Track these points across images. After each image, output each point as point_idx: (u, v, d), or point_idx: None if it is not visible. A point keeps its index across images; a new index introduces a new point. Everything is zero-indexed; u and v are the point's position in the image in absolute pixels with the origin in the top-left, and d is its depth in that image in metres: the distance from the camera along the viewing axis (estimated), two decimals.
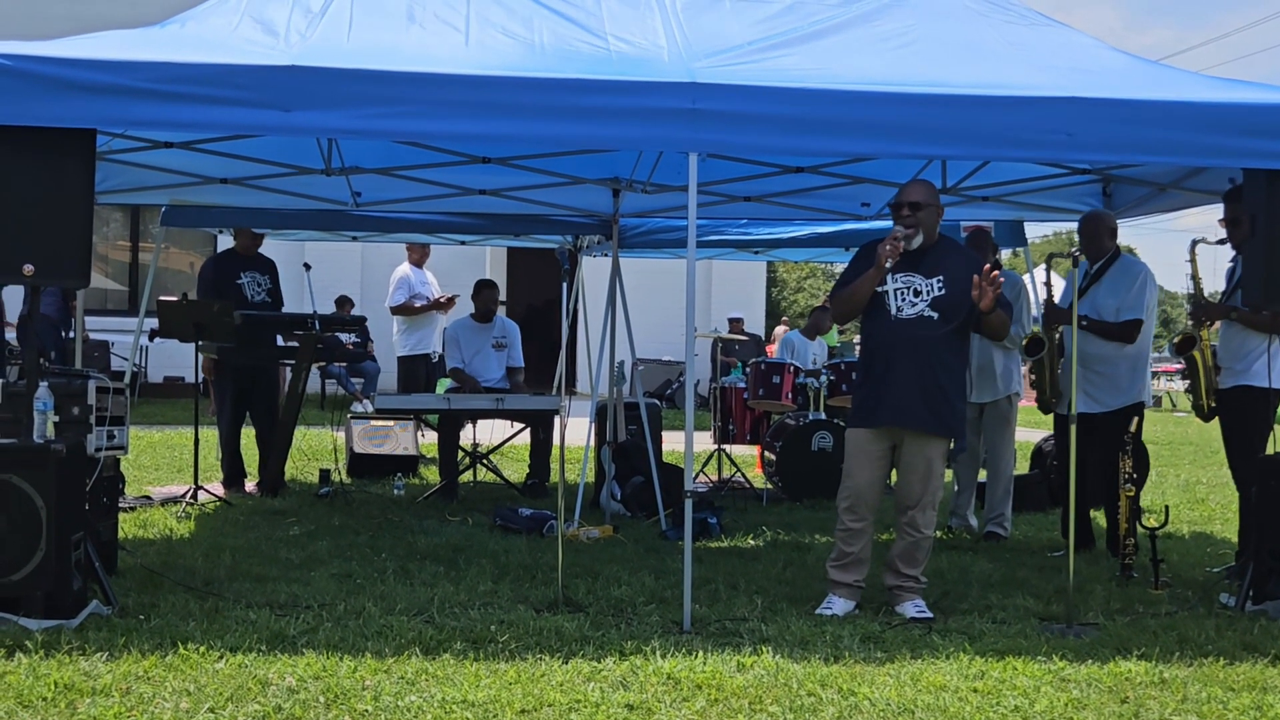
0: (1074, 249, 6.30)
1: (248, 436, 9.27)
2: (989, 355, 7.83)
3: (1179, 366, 7.06)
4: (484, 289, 9.99)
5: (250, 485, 9.20)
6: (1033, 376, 7.38)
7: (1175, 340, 6.75)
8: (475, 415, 9.44)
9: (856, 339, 16.33)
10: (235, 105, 5.28)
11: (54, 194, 5.24)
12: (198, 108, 5.27)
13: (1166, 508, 7.29)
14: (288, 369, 9.85)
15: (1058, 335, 7.27)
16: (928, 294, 5.72)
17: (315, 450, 11.72)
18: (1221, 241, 6.75)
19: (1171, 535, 7.99)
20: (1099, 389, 7.02)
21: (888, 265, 5.67)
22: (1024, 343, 7.20)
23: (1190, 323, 6.76)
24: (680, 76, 5.49)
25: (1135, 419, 6.95)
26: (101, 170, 7.10)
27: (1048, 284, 7.34)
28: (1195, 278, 6.92)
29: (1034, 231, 63.84)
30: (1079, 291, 7.10)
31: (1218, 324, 6.77)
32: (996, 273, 5.60)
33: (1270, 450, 6.38)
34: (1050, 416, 7.58)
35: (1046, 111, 5.51)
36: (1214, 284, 6.94)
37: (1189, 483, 11.23)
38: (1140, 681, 4.73)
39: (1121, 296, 7.04)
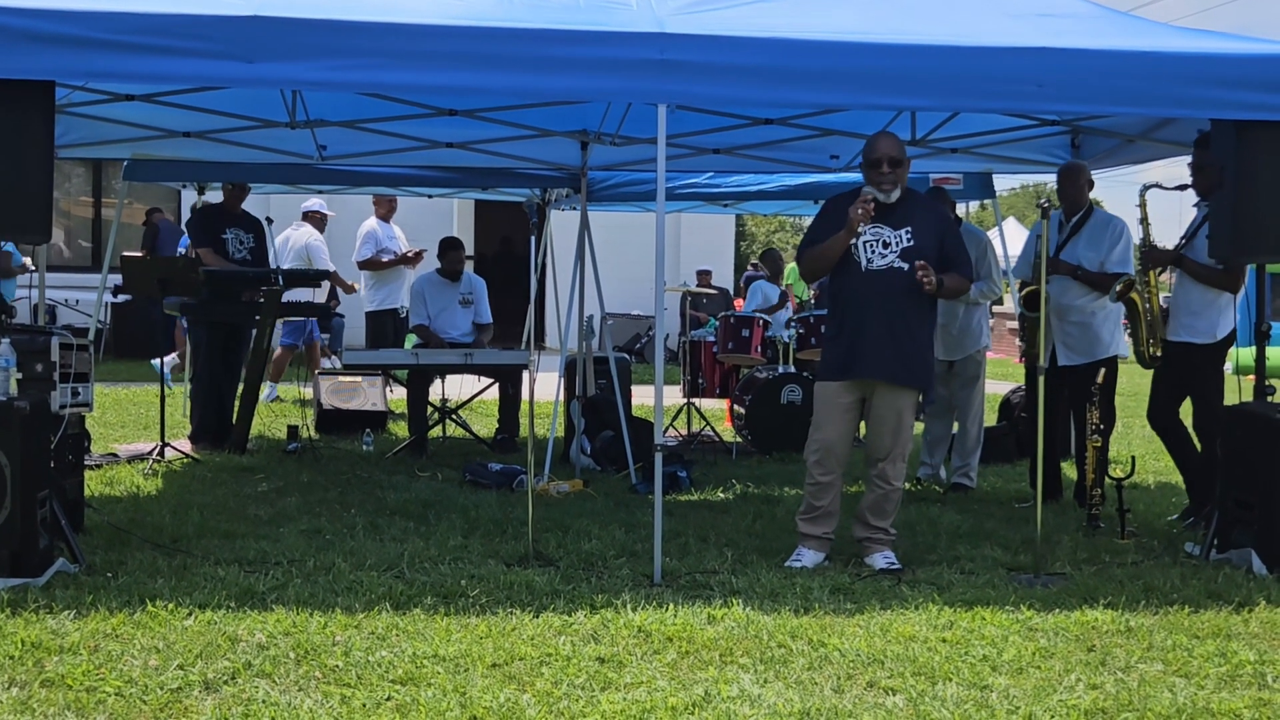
0: (1042, 200, 6.30)
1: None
2: (954, 313, 7.83)
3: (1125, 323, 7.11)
4: (450, 248, 9.87)
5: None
6: (1023, 332, 7.37)
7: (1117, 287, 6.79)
8: (444, 370, 9.41)
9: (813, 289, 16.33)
10: (197, 57, 5.20)
11: (12, 148, 5.17)
12: (158, 59, 5.19)
13: (1133, 458, 7.34)
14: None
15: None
16: (896, 245, 5.71)
17: (283, 406, 11.66)
18: (1181, 187, 6.75)
19: (1138, 486, 8.06)
20: (1079, 341, 7.06)
21: (860, 229, 5.66)
22: (1023, 296, 7.18)
23: (1139, 269, 6.81)
24: (649, 26, 5.43)
25: (1104, 370, 7.00)
26: (62, 124, 6.99)
27: (1042, 236, 7.34)
28: (1145, 222, 6.95)
29: (1003, 184, 64.06)
30: (1059, 244, 7.13)
31: (1171, 275, 6.82)
32: (922, 274, 5.60)
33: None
34: (1021, 367, 7.61)
35: (1016, 62, 5.49)
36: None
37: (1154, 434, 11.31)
38: (1107, 630, 4.78)
39: (1104, 251, 7.06)
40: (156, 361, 9.32)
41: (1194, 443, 6.75)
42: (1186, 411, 6.83)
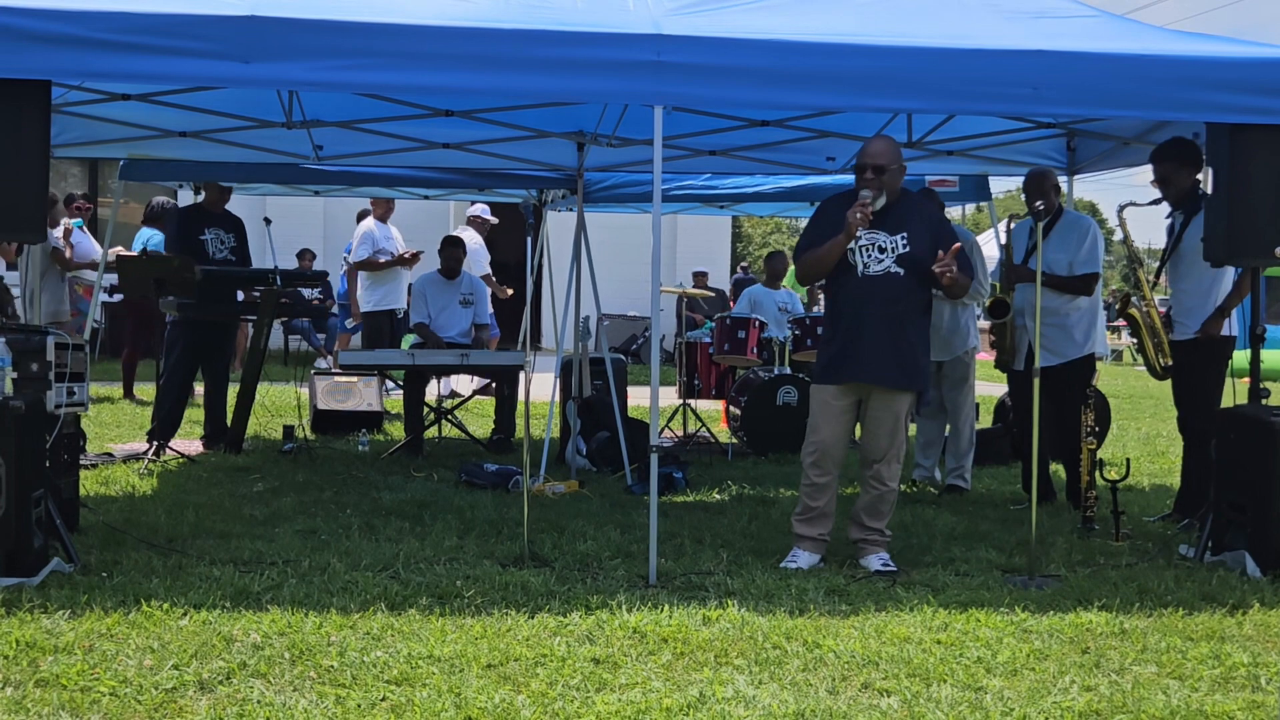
0: (1039, 203, 6.32)
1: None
2: (941, 314, 7.83)
3: (1124, 324, 7.15)
4: (449, 246, 9.96)
5: (197, 444, 9.05)
6: (993, 336, 7.42)
7: (1116, 306, 6.84)
8: (440, 371, 9.40)
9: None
10: (193, 56, 5.20)
11: (8, 147, 5.17)
12: (155, 59, 5.19)
13: (1127, 460, 7.35)
14: (250, 324, 9.74)
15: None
16: (893, 250, 5.72)
17: (279, 406, 11.66)
18: (1155, 202, 6.81)
19: (1132, 488, 8.07)
20: (1054, 342, 7.08)
21: (858, 233, 5.66)
22: (988, 305, 7.23)
23: (1132, 282, 6.85)
24: (645, 28, 5.44)
25: (1094, 371, 7.02)
26: (58, 123, 6.99)
27: (1007, 245, 7.37)
28: (1128, 241, 7.00)
29: (998, 186, 64.05)
30: (1028, 249, 7.16)
31: (1163, 280, 6.87)
32: (958, 245, 5.62)
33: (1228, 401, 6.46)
34: (1000, 370, 7.63)
35: (1012, 64, 5.51)
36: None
37: (1150, 436, 11.34)
38: (1101, 632, 4.79)
39: (1073, 252, 7.10)
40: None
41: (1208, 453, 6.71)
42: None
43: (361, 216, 12.29)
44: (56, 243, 10.49)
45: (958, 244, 5.67)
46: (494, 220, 12.76)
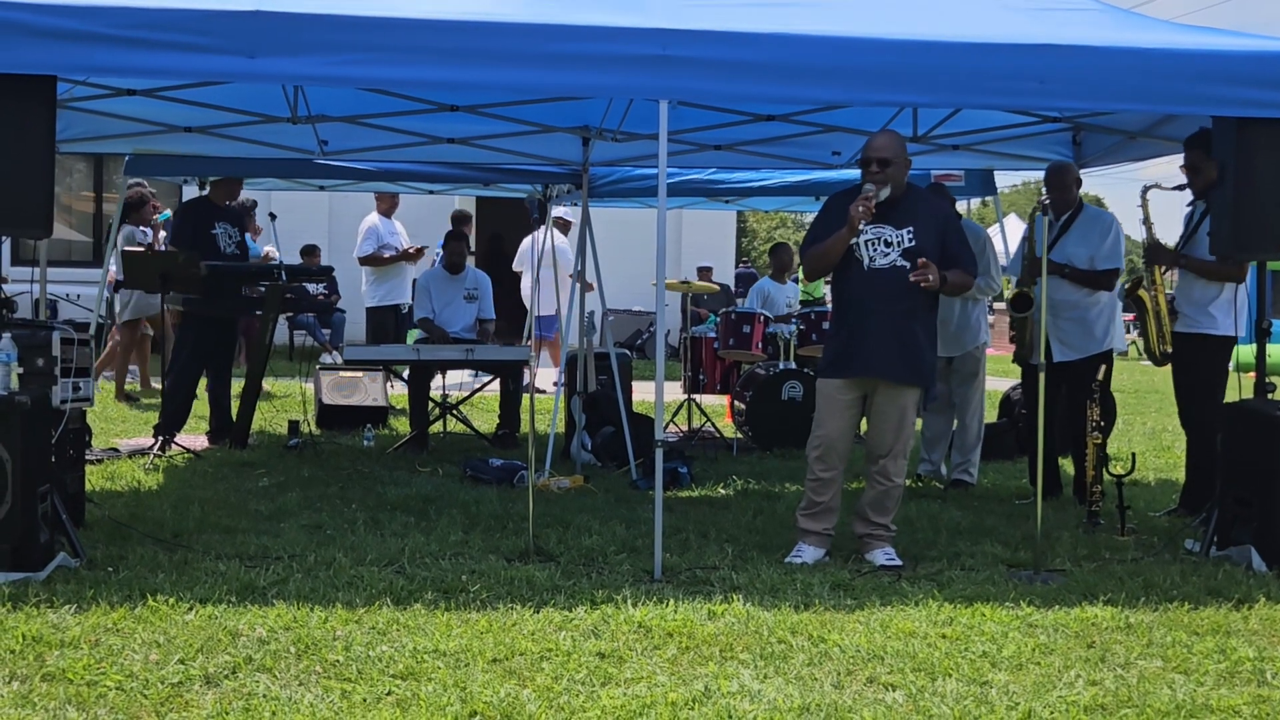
0: (1043, 198, 6.31)
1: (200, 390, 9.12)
2: (952, 309, 7.82)
3: (1132, 316, 7.12)
4: (452, 240, 9.96)
5: (202, 439, 9.05)
6: (1013, 331, 7.41)
7: (1127, 288, 6.82)
8: (445, 366, 9.41)
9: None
10: (198, 51, 5.19)
11: (14, 142, 5.17)
12: (160, 54, 5.19)
13: (1133, 455, 7.34)
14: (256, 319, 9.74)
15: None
16: (898, 244, 5.71)
17: (284, 402, 11.67)
18: (1179, 187, 6.79)
19: (1138, 482, 8.06)
20: (1073, 336, 7.07)
21: (861, 226, 5.66)
22: (1011, 299, 7.21)
23: (1144, 267, 6.83)
24: (651, 22, 5.43)
25: (1103, 367, 7.00)
26: (63, 118, 7.00)
27: (1029, 238, 7.35)
28: (1147, 222, 6.99)
29: (1004, 181, 63.88)
30: (1046, 245, 7.14)
31: (1174, 272, 6.86)
32: (919, 275, 5.61)
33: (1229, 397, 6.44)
34: (1018, 365, 7.62)
35: (1018, 58, 5.49)
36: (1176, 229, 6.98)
37: (1155, 430, 11.33)
38: (1106, 626, 4.79)
39: (1095, 246, 7.08)
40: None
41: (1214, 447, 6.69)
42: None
43: (459, 221, 12.24)
44: (147, 239, 10.57)
45: (922, 260, 5.64)
46: (574, 221, 12.63)
